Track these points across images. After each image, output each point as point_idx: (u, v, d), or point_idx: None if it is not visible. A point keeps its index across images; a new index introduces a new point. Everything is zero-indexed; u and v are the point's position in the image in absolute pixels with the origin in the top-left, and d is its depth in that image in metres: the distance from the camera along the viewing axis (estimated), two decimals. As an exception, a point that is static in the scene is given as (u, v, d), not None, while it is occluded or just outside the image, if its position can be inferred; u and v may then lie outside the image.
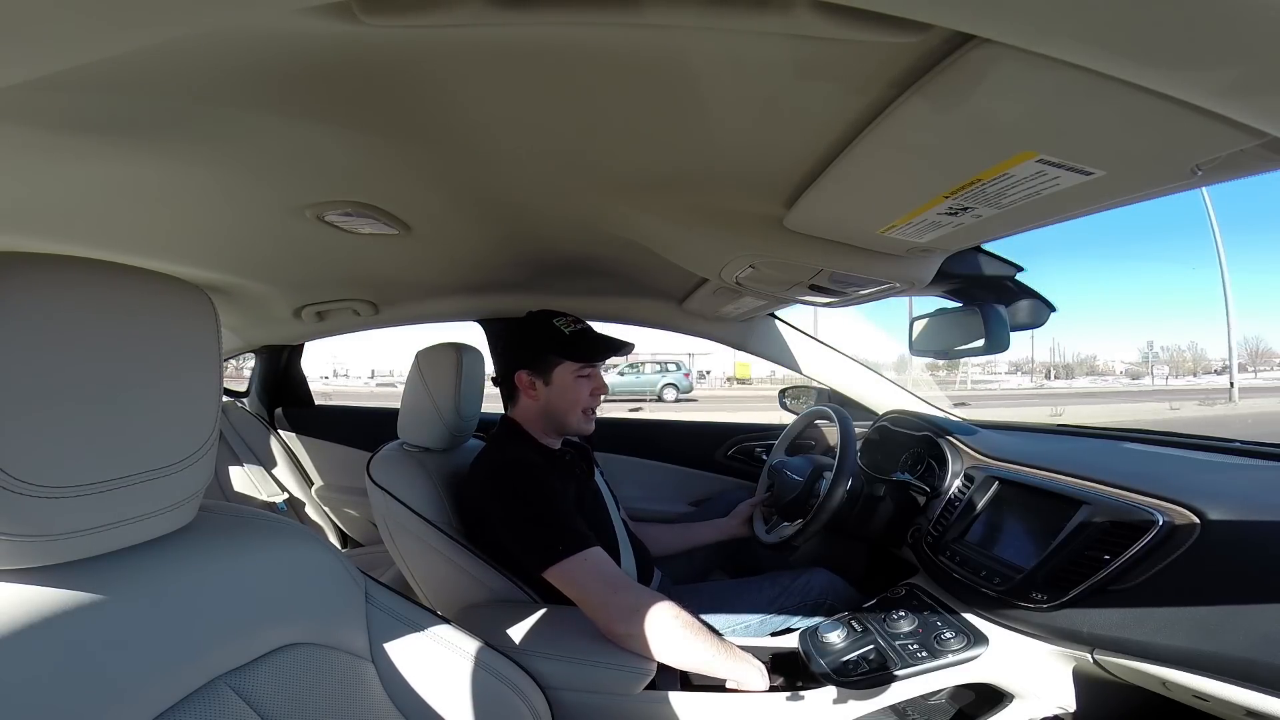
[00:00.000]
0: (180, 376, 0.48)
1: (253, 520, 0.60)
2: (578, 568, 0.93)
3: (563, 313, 1.15)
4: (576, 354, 1.11)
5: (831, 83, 0.49)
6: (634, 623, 0.87)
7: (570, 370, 1.11)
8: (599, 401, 1.16)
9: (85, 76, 0.50)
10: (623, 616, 0.89)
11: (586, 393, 1.13)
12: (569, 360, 1.11)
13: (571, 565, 0.93)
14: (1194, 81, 0.37)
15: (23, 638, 0.40)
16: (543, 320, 1.13)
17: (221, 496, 1.96)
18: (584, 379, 1.12)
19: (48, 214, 0.90)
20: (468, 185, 0.83)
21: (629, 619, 0.88)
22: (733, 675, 0.88)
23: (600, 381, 1.15)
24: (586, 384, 1.13)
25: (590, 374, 1.13)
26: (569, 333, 1.11)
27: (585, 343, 1.12)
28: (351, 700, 0.59)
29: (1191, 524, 0.72)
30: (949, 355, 1.24)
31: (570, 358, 1.11)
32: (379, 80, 0.54)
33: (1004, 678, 0.88)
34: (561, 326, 1.12)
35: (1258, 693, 0.59)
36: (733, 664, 0.87)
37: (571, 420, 1.13)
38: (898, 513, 1.17)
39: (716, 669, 0.87)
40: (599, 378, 1.15)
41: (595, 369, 1.15)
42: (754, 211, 0.83)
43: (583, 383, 1.12)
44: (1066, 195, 0.58)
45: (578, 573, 0.93)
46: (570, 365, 1.11)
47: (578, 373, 1.12)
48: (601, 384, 1.16)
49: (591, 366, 1.13)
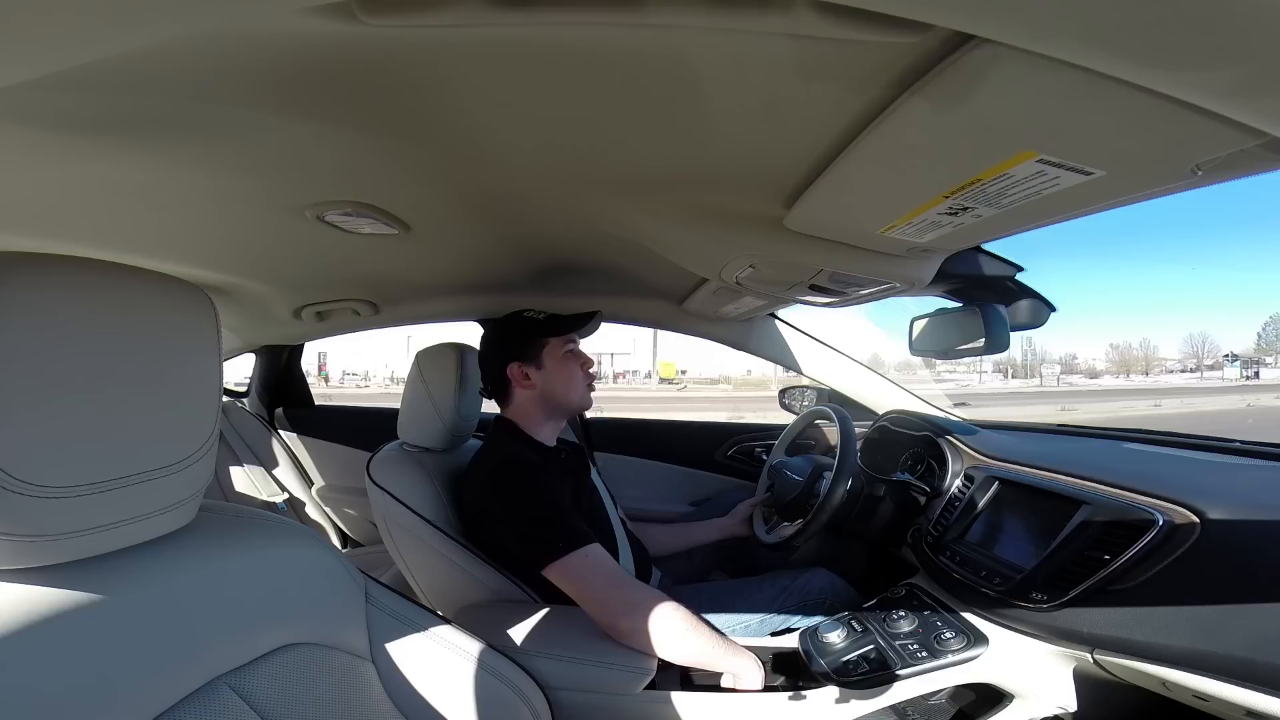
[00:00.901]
0: (180, 377, 0.48)
1: (253, 520, 0.60)
2: (578, 564, 0.93)
3: (528, 309, 1.20)
4: (557, 327, 1.15)
5: (831, 83, 0.49)
6: (635, 618, 0.88)
7: (558, 348, 1.15)
8: (593, 375, 1.21)
9: (85, 76, 0.50)
10: (624, 612, 0.89)
11: (578, 365, 1.17)
12: (553, 336, 1.15)
13: (572, 561, 0.93)
14: (1196, 82, 0.37)
15: (23, 638, 0.39)
16: (514, 317, 1.18)
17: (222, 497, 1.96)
18: (571, 355, 1.17)
19: (48, 214, 0.90)
20: (468, 185, 0.83)
21: (630, 614, 0.88)
22: (730, 669, 0.88)
23: (586, 356, 1.20)
24: (575, 359, 1.17)
25: (575, 350, 1.18)
26: (542, 318, 1.17)
27: (561, 318, 1.17)
28: (351, 700, 0.59)
29: (1191, 524, 0.72)
30: (949, 355, 1.23)
31: (553, 333, 1.15)
32: (379, 80, 0.54)
33: (1004, 678, 0.88)
34: (534, 315, 1.17)
35: (1258, 693, 0.59)
36: (730, 658, 0.88)
37: (574, 395, 1.17)
38: (898, 513, 1.17)
39: (715, 663, 0.88)
40: (584, 354, 1.20)
41: (576, 344, 1.19)
42: (754, 211, 0.83)
43: (571, 358, 1.17)
44: (1066, 195, 0.58)
45: (578, 569, 0.93)
46: (556, 342, 1.15)
47: (564, 349, 1.16)
48: (588, 358, 1.20)
49: (574, 340, 1.18)
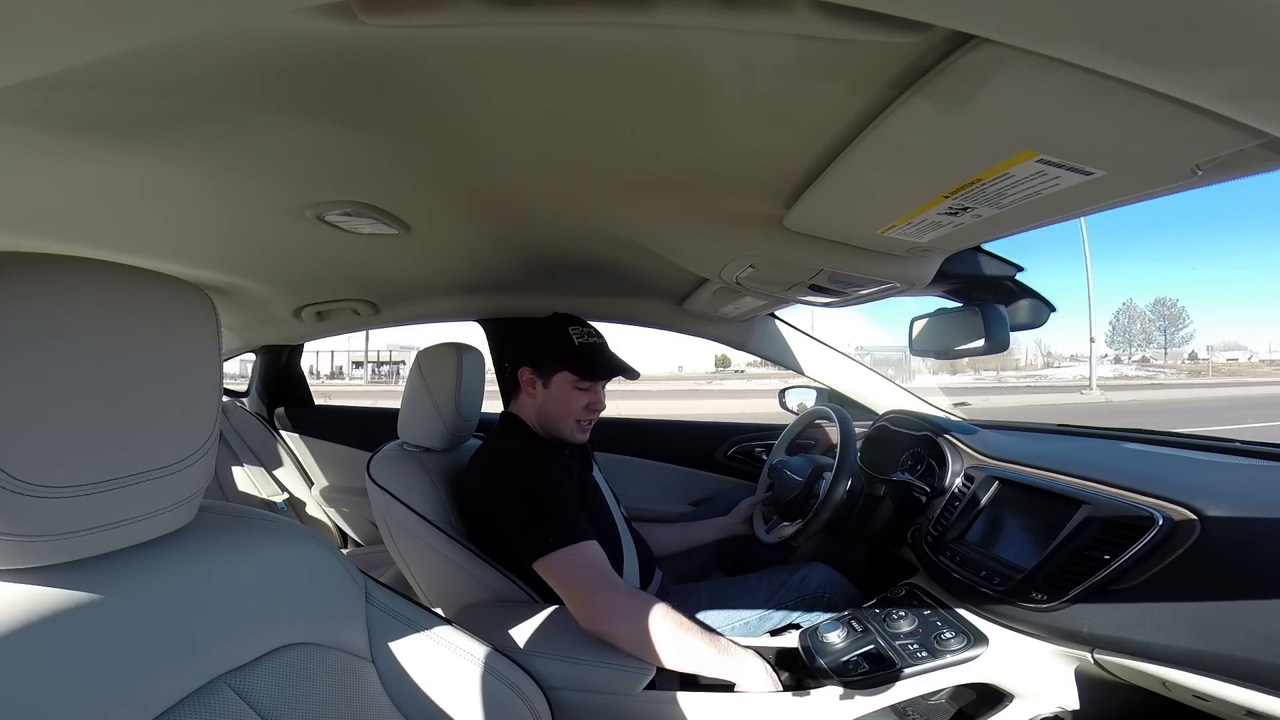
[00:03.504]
0: (180, 376, 0.48)
1: (253, 520, 0.60)
2: (565, 560, 0.93)
3: (583, 322, 1.15)
4: (576, 367, 1.10)
5: (832, 82, 0.49)
6: (618, 623, 0.87)
7: (569, 380, 1.11)
8: (594, 415, 1.15)
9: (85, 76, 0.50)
10: (601, 616, 0.88)
11: (581, 405, 1.12)
12: (569, 371, 1.10)
13: (559, 557, 0.93)
14: (1198, 83, 0.37)
15: (23, 638, 0.39)
16: (558, 325, 1.13)
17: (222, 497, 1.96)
18: (581, 391, 1.11)
19: (48, 214, 0.90)
20: (468, 185, 0.83)
21: (611, 619, 0.87)
22: (733, 677, 0.87)
23: (598, 398, 1.14)
24: (583, 397, 1.12)
25: (588, 388, 1.12)
26: (578, 344, 1.11)
27: (589, 357, 1.11)
28: (351, 700, 0.59)
29: (1191, 523, 0.72)
30: (949, 355, 1.23)
31: (570, 369, 1.10)
32: (379, 80, 0.54)
33: (1004, 677, 0.87)
34: (574, 336, 1.11)
35: (1258, 692, 0.59)
36: (732, 665, 0.87)
37: (564, 427, 1.13)
38: (898, 512, 1.17)
39: (716, 670, 0.87)
40: (598, 394, 1.14)
41: (594, 385, 1.13)
42: (754, 211, 0.83)
43: (579, 395, 1.11)
44: (1066, 195, 0.58)
45: (564, 565, 0.93)
46: (569, 376, 1.10)
47: (575, 384, 1.11)
48: (599, 400, 1.14)
49: (589, 382, 1.12)
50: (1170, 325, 64.33)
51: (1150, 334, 65.23)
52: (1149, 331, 65.29)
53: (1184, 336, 64.92)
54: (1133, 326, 65.66)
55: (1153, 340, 64.82)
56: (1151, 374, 40.46)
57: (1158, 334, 64.60)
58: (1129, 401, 17.49)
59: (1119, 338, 66.07)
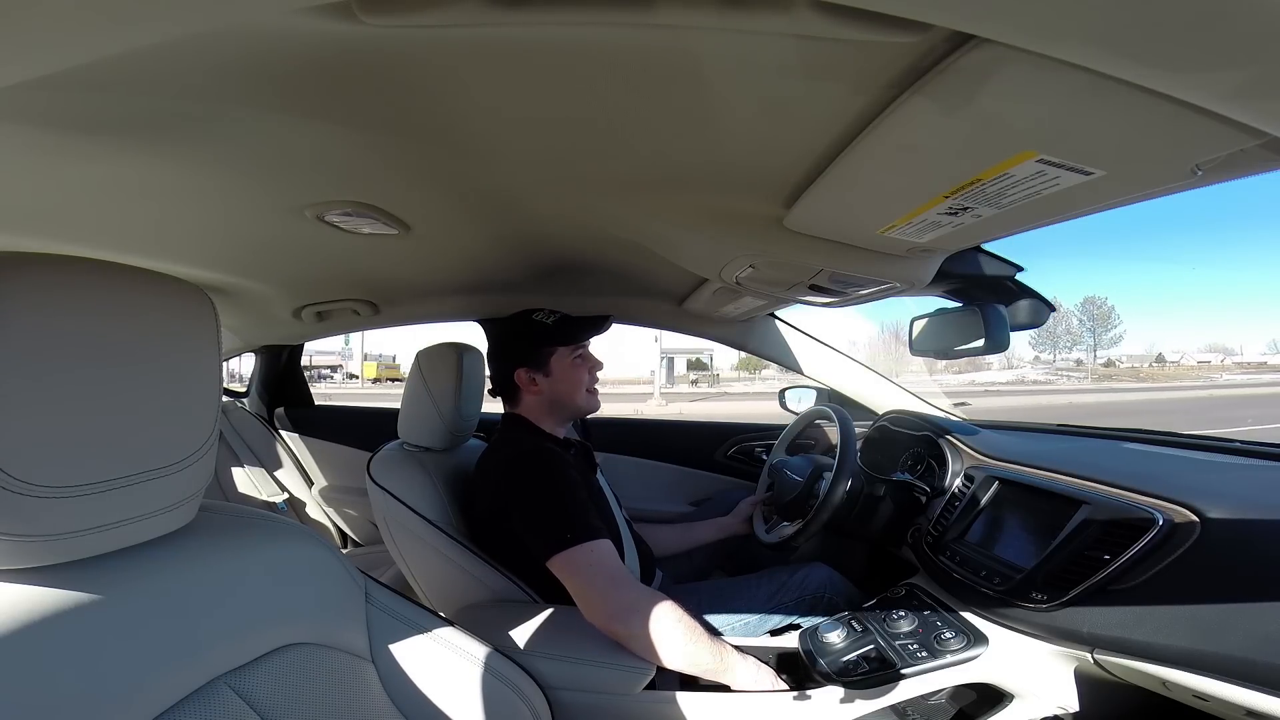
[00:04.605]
0: (180, 376, 0.48)
1: (253, 520, 0.60)
2: (583, 557, 0.93)
3: (538, 308, 1.19)
4: (566, 337, 1.15)
5: (831, 83, 0.49)
6: (632, 622, 0.87)
7: (566, 355, 1.15)
8: (598, 379, 1.21)
9: (85, 76, 0.50)
10: (619, 614, 0.88)
11: (585, 370, 1.18)
12: (561, 345, 1.15)
13: (577, 554, 0.93)
14: (1200, 84, 0.37)
15: (23, 638, 0.39)
16: (524, 318, 1.18)
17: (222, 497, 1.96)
18: (580, 358, 1.17)
19: (48, 214, 0.90)
20: (468, 185, 0.83)
21: (626, 617, 0.87)
22: (737, 683, 0.87)
23: (594, 359, 1.20)
24: (583, 364, 1.18)
25: (584, 354, 1.18)
26: (551, 322, 1.16)
27: (571, 325, 1.17)
28: (351, 700, 0.59)
29: (1191, 523, 0.72)
30: (949, 355, 1.23)
31: (562, 342, 1.15)
32: (379, 80, 0.54)
33: (1004, 678, 0.87)
34: (543, 319, 1.17)
35: (1258, 693, 0.59)
36: (737, 670, 0.87)
37: (580, 400, 1.17)
38: (898, 513, 1.17)
39: (720, 675, 0.87)
40: (592, 356, 1.20)
41: (586, 349, 1.20)
42: (754, 211, 0.83)
43: (579, 364, 1.17)
44: (1066, 195, 0.58)
45: (582, 561, 0.93)
46: (565, 350, 1.15)
47: (573, 355, 1.16)
48: (596, 361, 1.20)
49: (583, 347, 1.18)
50: (1099, 325, 61.89)
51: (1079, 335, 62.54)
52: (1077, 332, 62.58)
53: (1113, 338, 62.42)
54: (1057, 327, 62.48)
55: (1080, 341, 62.29)
56: (1052, 379, 38.53)
57: (1086, 335, 62.08)
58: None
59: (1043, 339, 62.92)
